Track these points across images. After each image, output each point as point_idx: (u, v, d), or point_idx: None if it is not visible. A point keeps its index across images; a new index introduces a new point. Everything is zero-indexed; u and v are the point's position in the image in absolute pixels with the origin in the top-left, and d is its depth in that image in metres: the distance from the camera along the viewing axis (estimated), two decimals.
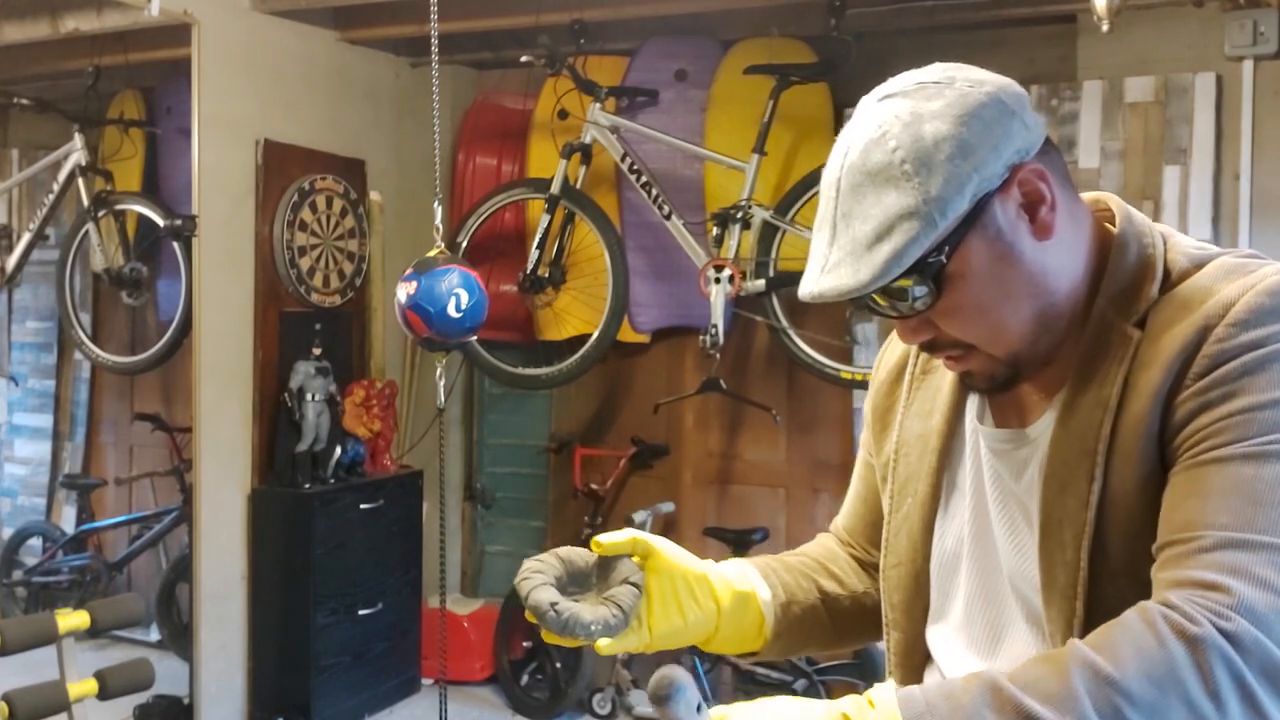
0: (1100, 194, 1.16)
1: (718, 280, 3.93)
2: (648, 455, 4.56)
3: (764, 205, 3.95)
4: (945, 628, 1.21)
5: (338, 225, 4.38)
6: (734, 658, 3.57)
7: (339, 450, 4.22)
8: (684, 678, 0.98)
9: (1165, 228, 1.13)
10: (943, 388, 1.22)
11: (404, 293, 3.32)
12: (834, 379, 3.95)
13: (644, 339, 4.52)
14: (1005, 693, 0.90)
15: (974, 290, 1.05)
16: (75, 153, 4.34)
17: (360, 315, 4.55)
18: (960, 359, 1.11)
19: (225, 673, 4.03)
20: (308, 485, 4.08)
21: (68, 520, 4.65)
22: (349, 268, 4.45)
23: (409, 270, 3.36)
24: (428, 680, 4.56)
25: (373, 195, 4.56)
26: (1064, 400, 1.08)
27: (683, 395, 4.40)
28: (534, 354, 4.49)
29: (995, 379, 1.12)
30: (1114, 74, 3.69)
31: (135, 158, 4.40)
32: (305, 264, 4.23)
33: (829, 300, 1.04)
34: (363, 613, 4.23)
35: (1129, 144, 3.67)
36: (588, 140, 4.13)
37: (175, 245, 4.20)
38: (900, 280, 1.02)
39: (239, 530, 4.07)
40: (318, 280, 4.30)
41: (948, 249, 1.02)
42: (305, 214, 4.23)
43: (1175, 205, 3.61)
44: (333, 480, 4.19)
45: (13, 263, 4.49)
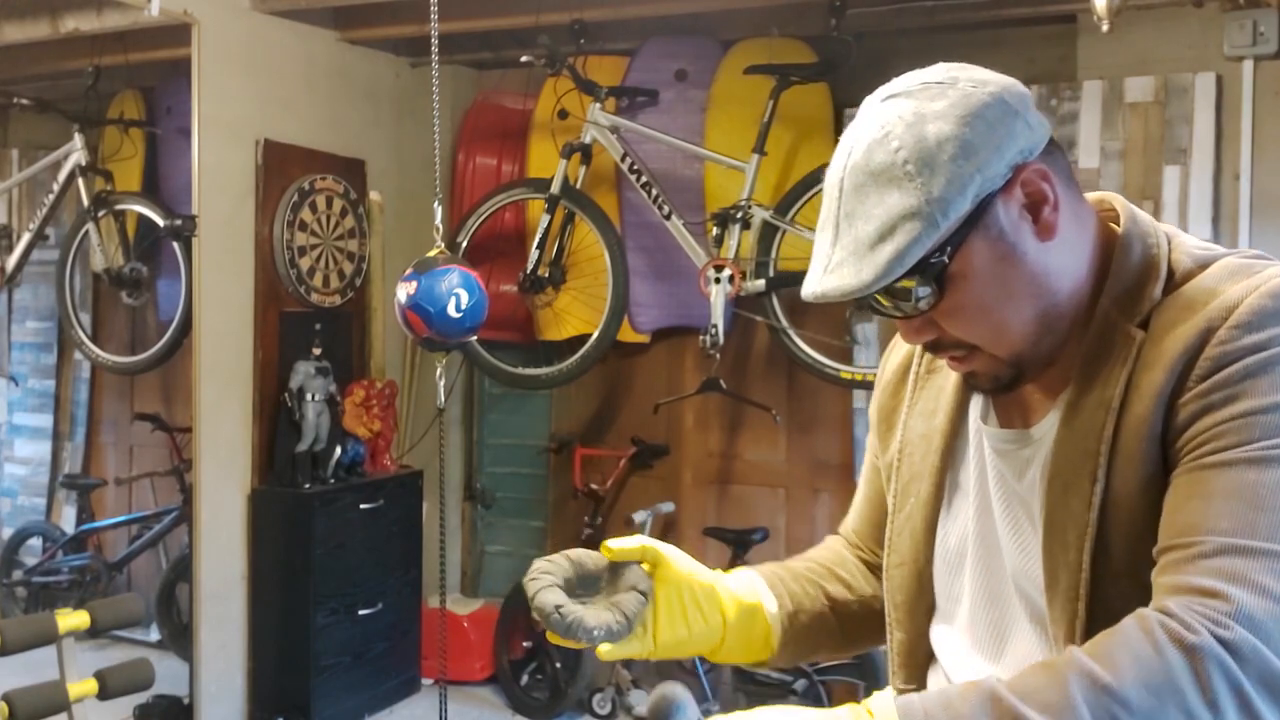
0: (1105, 194, 1.16)
1: (718, 280, 3.93)
2: (648, 455, 4.56)
3: (764, 205, 3.95)
4: (949, 627, 1.21)
5: (338, 225, 4.38)
6: None
7: (339, 450, 4.22)
8: (683, 695, 0.99)
9: (1170, 228, 1.12)
10: (946, 388, 1.22)
11: (404, 293, 3.32)
12: (834, 379, 3.95)
13: (644, 339, 4.52)
14: (1004, 702, 0.90)
15: (976, 290, 1.04)
16: (75, 153, 4.33)
17: (360, 315, 4.55)
18: (963, 359, 1.11)
19: (225, 673, 4.03)
20: (308, 485, 4.08)
21: (68, 520, 4.65)
22: (349, 268, 4.45)
23: (409, 270, 3.36)
24: (428, 680, 4.56)
25: (373, 195, 4.55)
26: (1067, 400, 1.08)
27: (683, 395, 4.40)
28: (534, 354, 4.49)
29: (999, 379, 1.11)
30: (1114, 74, 3.69)
31: (135, 158, 4.40)
32: (305, 264, 4.23)
33: (832, 300, 1.04)
34: (363, 613, 4.23)
35: (1129, 144, 3.67)
36: (588, 140, 4.13)
37: (175, 245, 4.20)
38: (903, 281, 1.02)
39: (239, 530, 4.07)
40: (318, 280, 4.30)
41: (950, 249, 1.02)
42: (305, 214, 4.23)
43: (1175, 205, 3.60)
44: (333, 480, 4.19)
45: (13, 263, 4.49)
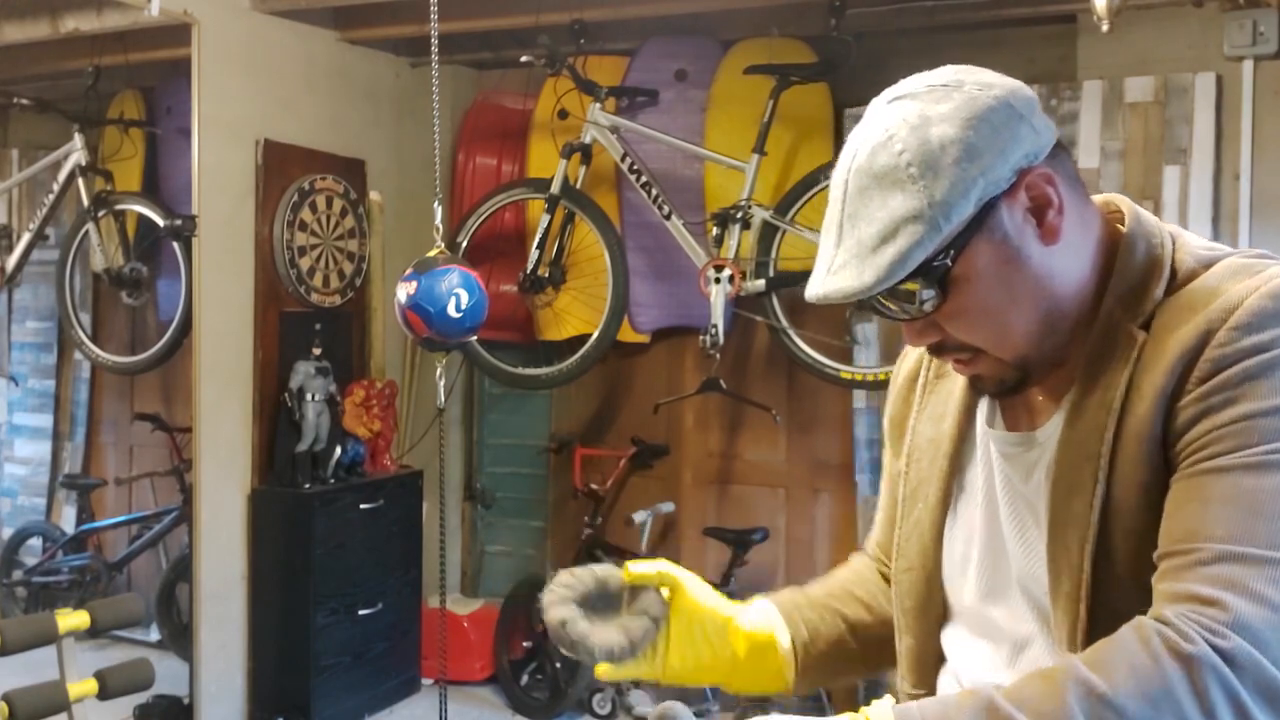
0: (1112, 196, 1.16)
1: (718, 280, 3.93)
2: (648, 455, 4.56)
3: (764, 205, 3.95)
4: (957, 631, 1.21)
5: (338, 225, 4.38)
6: None
7: (339, 450, 4.22)
8: (683, 712, 1.02)
9: (1175, 228, 1.12)
10: (955, 392, 1.22)
11: (404, 293, 3.32)
12: (834, 379, 3.95)
13: (644, 339, 4.52)
14: (1001, 711, 0.91)
15: (979, 293, 1.04)
16: (75, 153, 4.33)
17: (360, 315, 4.55)
18: (968, 362, 1.11)
19: (225, 673, 4.03)
20: (308, 485, 4.08)
21: (68, 520, 4.65)
22: (349, 268, 4.44)
23: (409, 270, 3.36)
24: (428, 680, 4.56)
25: (373, 195, 4.55)
26: (1071, 402, 1.08)
27: (683, 395, 4.40)
28: (534, 354, 4.48)
29: (1004, 382, 1.11)
30: (1114, 74, 3.68)
31: (135, 158, 4.40)
32: (305, 264, 4.23)
33: (834, 302, 1.04)
34: (363, 613, 4.23)
35: (1129, 144, 3.67)
36: (588, 140, 4.13)
37: (175, 245, 4.20)
38: (906, 283, 1.02)
39: (239, 530, 4.07)
40: (318, 280, 4.29)
41: (953, 252, 1.02)
42: (305, 214, 4.22)
43: (1175, 205, 3.60)
44: (333, 480, 4.18)
45: (13, 263, 4.49)
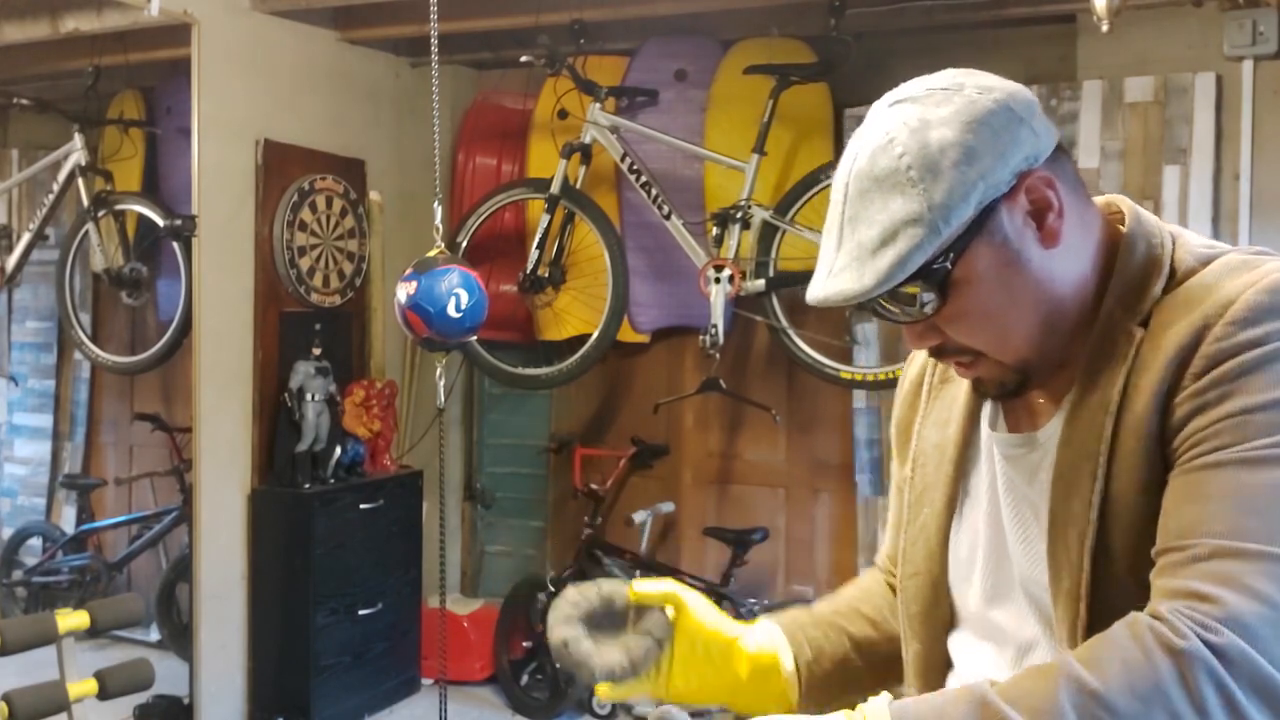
0: (1114, 197, 1.15)
1: (717, 280, 3.93)
2: (648, 455, 4.56)
3: (764, 205, 3.95)
4: (963, 636, 1.21)
5: (338, 225, 4.38)
6: None
7: (339, 450, 4.22)
8: (679, 715, 1.02)
9: (1176, 228, 1.12)
10: (959, 397, 1.22)
11: (404, 293, 3.32)
12: (834, 379, 3.95)
13: (644, 339, 4.52)
14: (992, 707, 0.91)
15: (979, 296, 1.04)
16: (75, 153, 4.33)
17: (360, 315, 4.55)
18: (969, 365, 1.11)
19: (225, 673, 4.03)
20: (308, 485, 4.08)
21: (68, 520, 4.65)
22: (349, 268, 4.45)
23: (409, 270, 3.36)
24: (428, 680, 4.56)
25: (373, 195, 4.55)
26: (1071, 402, 1.08)
27: (683, 395, 4.40)
28: (534, 354, 4.49)
29: (1005, 385, 1.11)
30: (1114, 74, 3.68)
31: (135, 158, 4.39)
32: (305, 264, 4.23)
33: (835, 305, 1.04)
34: (363, 613, 4.23)
35: (1129, 144, 3.67)
36: (588, 140, 4.13)
37: (175, 245, 4.20)
38: (906, 286, 1.02)
39: (239, 530, 4.07)
40: (318, 280, 4.30)
41: (953, 255, 1.02)
42: (305, 214, 4.23)
43: (1175, 205, 3.60)
44: (333, 480, 4.18)
45: (13, 263, 4.49)
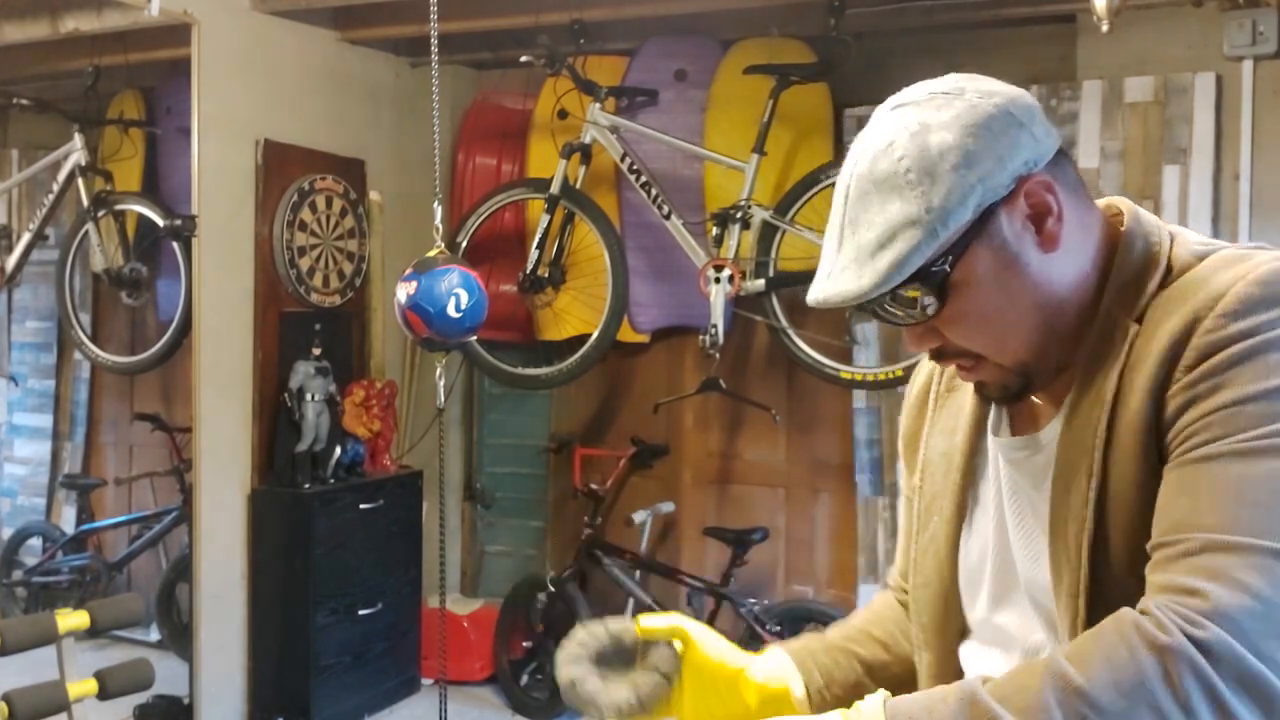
0: (1114, 199, 1.16)
1: (717, 280, 3.93)
2: (648, 455, 4.56)
3: (763, 205, 3.95)
4: (974, 642, 1.21)
5: (338, 225, 4.38)
6: None
7: (339, 450, 4.22)
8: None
9: (1175, 227, 1.12)
10: (965, 405, 1.22)
11: (404, 293, 3.32)
12: (834, 379, 3.95)
13: (644, 339, 4.52)
14: (981, 704, 0.91)
15: (978, 299, 1.05)
16: (75, 153, 4.33)
17: (360, 315, 4.55)
18: (970, 369, 1.12)
19: (225, 673, 4.04)
20: (308, 485, 4.08)
21: (68, 520, 4.65)
22: (349, 268, 4.45)
23: (409, 270, 3.36)
24: (428, 680, 4.56)
25: (373, 195, 4.55)
26: (1070, 401, 1.08)
27: (683, 395, 4.40)
28: (534, 354, 4.49)
29: (1007, 388, 1.12)
30: (1114, 74, 3.69)
31: (135, 158, 4.39)
32: (305, 264, 4.23)
33: (834, 306, 1.05)
34: (363, 613, 4.23)
35: (1128, 144, 3.67)
36: (587, 140, 4.13)
37: (175, 245, 4.20)
38: (906, 288, 1.03)
39: (239, 530, 4.07)
40: (318, 280, 4.30)
41: (952, 258, 1.03)
42: (305, 214, 4.23)
43: (1175, 205, 3.60)
44: (333, 480, 4.19)
45: (13, 263, 4.48)
